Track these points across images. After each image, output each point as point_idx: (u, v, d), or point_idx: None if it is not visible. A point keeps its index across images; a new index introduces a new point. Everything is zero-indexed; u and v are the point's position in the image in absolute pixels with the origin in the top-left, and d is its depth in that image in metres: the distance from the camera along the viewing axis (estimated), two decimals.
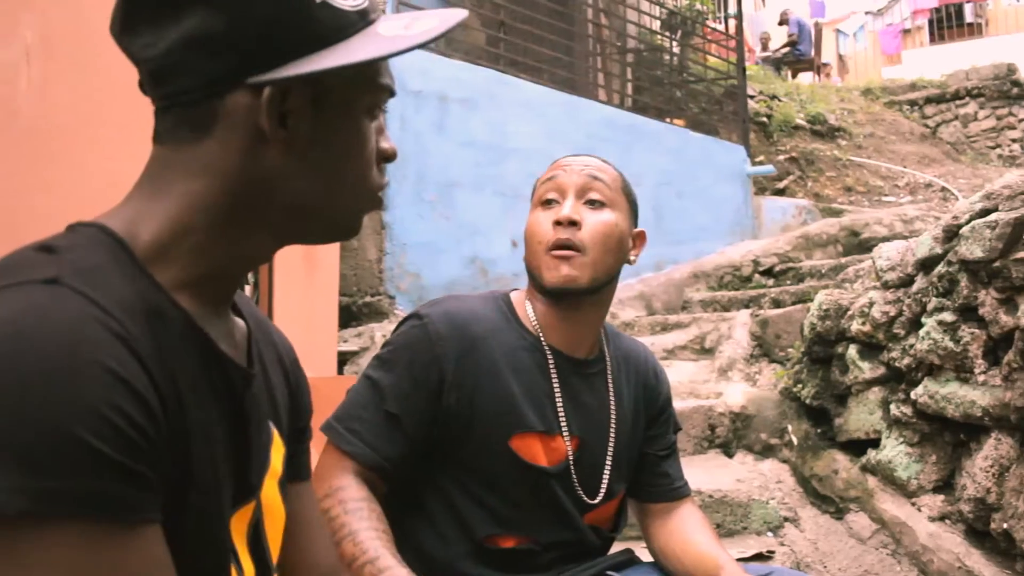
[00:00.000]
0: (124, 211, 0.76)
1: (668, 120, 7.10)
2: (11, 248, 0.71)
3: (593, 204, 1.42)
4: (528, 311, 1.47)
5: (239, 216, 0.77)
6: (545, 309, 1.45)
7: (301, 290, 3.39)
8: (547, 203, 1.44)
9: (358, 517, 1.25)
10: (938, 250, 2.67)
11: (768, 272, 6.14)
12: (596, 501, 1.45)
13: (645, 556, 1.57)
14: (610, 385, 1.50)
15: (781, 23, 13.77)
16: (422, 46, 0.77)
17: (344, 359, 4.08)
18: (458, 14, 0.81)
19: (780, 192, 8.32)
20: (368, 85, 0.80)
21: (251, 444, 0.82)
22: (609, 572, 1.46)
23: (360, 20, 0.78)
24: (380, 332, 4.24)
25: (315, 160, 0.78)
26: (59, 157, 1.71)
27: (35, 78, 1.64)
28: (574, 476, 1.42)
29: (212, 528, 0.75)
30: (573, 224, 1.40)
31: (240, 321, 0.87)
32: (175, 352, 0.71)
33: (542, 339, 1.44)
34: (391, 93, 0.84)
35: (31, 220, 1.69)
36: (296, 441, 0.96)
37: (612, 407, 1.49)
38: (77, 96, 1.76)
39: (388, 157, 0.85)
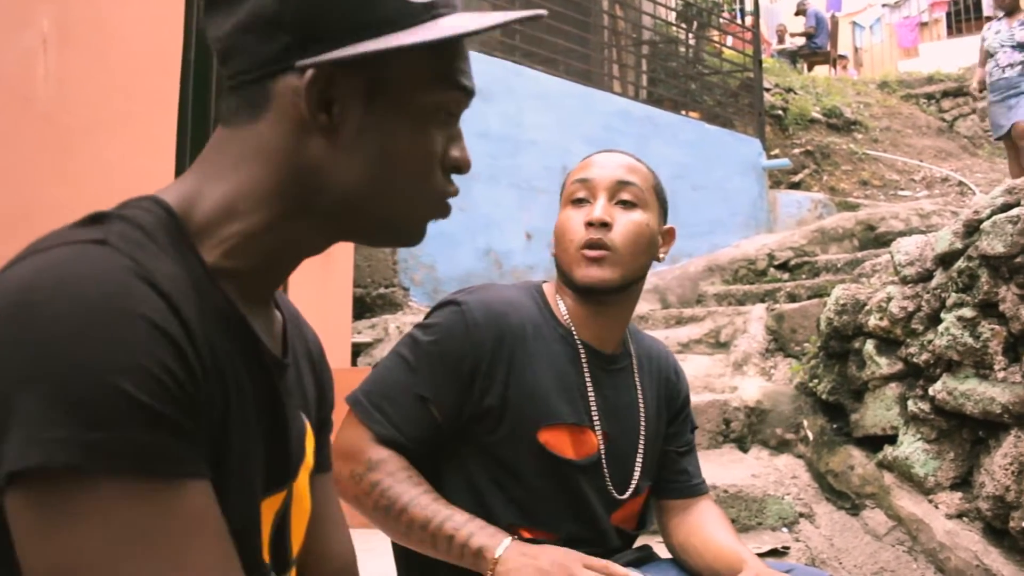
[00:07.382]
0: (181, 187, 0.76)
1: (683, 112, 7.07)
2: (27, 233, 0.71)
3: (624, 204, 1.43)
4: (559, 305, 1.47)
5: (284, 204, 0.76)
6: (575, 304, 1.46)
7: (315, 281, 3.39)
8: (578, 202, 1.45)
9: (411, 484, 1.28)
10: (958, 245, 2.65)
11: (783, 266, 6.11)
12: (625, 496, 1.45)
13: (662, 552, 1.56)
14: (636, 381, 1.51)
15: (798, 13, 13.67)
16: (481, 32, 0.74)
17: (358, 351, 4.08)
18: (534, 11, 0.77)
19: (795, 186, 8.28)
20: (436, 83, 0.77)
21: (288, 433, 0.82)
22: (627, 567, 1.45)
23: (424, 12, 0.75)
24: (394, 324, 4.24)
25: (364, 156, 0.75)
26: (75, 144, 1.71)
27: (52, 66, 1.63)
28: (605, 470, 1.42)
29: (248, 503, 0.75)
30: (604, 225, 1.40)
31: (278, 314, 0.87)
32: (214, 326, 0.71)
33: (574, 333, 1.45)
34: (468, 94, 0.79)
35: (46, 207, 1.69)
36: (318, 432, 0.96)
37: (641, 403, 1.49)
38: (93, 84, 1.76)
39: (459, 167, 0.81)
